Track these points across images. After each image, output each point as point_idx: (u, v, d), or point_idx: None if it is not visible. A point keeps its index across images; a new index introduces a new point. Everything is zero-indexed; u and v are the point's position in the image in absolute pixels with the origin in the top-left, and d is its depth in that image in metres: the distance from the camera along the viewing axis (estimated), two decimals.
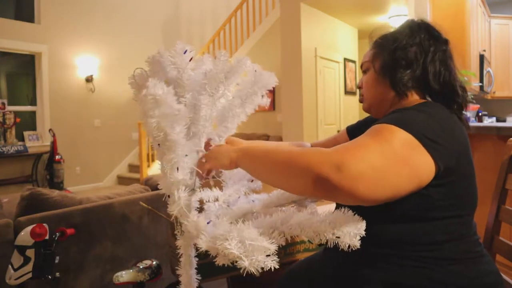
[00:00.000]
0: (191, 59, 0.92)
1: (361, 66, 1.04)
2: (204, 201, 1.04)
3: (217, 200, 1.06)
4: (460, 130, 0.84)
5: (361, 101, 1.05)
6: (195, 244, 0.84)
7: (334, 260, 0.95)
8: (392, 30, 0.99)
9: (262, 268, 0.68)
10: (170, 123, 0.82)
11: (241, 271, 0.68)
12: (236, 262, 0.68)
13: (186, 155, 0.86)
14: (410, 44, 0.91)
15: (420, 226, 0.80)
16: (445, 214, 0.80)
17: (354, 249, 0.74)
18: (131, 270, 1.23)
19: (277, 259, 0.70)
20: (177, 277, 0.99)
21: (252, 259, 0.67)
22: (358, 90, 1.07)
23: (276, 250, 0.71)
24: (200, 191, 1.03)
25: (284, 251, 1.34)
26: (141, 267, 1.26)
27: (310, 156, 0.71)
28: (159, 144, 0.87)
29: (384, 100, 0.96)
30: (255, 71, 1.09)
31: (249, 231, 0.71)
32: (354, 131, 1.20)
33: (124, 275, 1.21)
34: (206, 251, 0.75)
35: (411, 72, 0.90)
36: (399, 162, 0.71)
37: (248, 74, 1.10)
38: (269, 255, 0.69)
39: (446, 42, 0.94)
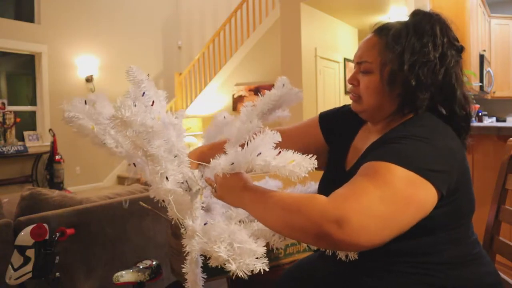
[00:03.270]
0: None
1: (359, 62, 0.89)
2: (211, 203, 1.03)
3: None
4: (456, 142, 0.80)
5: (353, 99, 0.92)
6: None
7: (332, 263, 0.93)
8: (406, 25, 0.84)
9: (252, 271, 0.67)
10: (146, 140, 0.80)
11: (230, 274, 0.67)
12: (225, 265, 0.68)
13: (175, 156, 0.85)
14: (431, 59, 0.80)
15: (424, 240, 0.78)
16: (448, 227, 0.79)
17: (352, 259, 0.73)
18: (131, 270, 1.23)
19: (267, 262, 0.68)
20: (177, 277, 0.99)
21: (240, 262, 0.66)
22: (348, 85, 0.93)
23: (265, 254, 0.70)
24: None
25: (284, 251, 1.34)
26: (141, 267, 1.26)
27: (309, 210, 0.66)
28: (134, 164, 0.87)
29: (381, 110, 0.87)
30: (283, 85, 1.04)
31: (240, 233, 0.70)
32: (327, 121, 1.10)
33: (124, 275, 1.20)
34: None
35: (429, 93, 0.81)
36: (402, 204, 0.67)
37: (275, 86, 1.04)
38: (258, 258, 0.68)
39: (462, 50, 0.85)
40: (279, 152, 0.73)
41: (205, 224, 0.79)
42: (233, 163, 0.79)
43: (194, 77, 6.43)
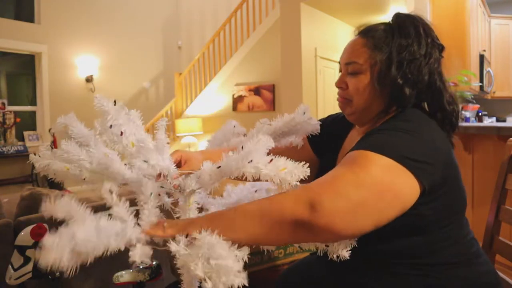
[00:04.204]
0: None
1: (347, 64, 0.89)
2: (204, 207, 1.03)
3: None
4: (440, 136, 0.81)
5: (342, 102, 0.92)
6: None
7: (330, 264, 0.93)
8: (390, 25, 0.88)
9: (231, 286, 0.63)
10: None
11: None
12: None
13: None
14: (417, 57, 0.82)
15: (419, 239, 0.78)
16: (441, 224, 0.79)
17: (343, 259, 0.72)
18: (131, 270, 1.23)
19: (245, 276, 0.64)
20: (177, 277, 0.99)
21: (215, 281, 0.63)
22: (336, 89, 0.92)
23: (243, 268, 0.66)
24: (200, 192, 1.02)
25: (284, 250, 1.34)
26: (141, 267, 1.26)
27: (281, 201, 0.66)
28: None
29: (370, 110, 0.88)
30: (304, 113, 1.03)
31: (219, 245, 0.66)
32: (315, 134, 1.08)
33: (124, 275, 1.20)
34: None
35: (416, 90, 0.84)
36: (378, 190, 0.67)
37: (295, 112, 1.03)
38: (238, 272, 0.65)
39: (442, 49, 0.88)
40: (271, 160, 0.71)
41: (186, 236, 0.78)
42: (219, 167, 0.78)
43: (194, 77, 6.43)
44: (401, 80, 0.82)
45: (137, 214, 0.79)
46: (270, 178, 0.70)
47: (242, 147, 0.75)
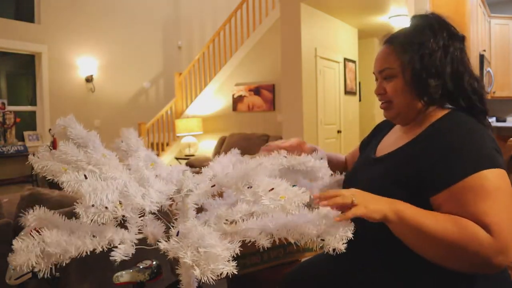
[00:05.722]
0: None
1: (381, 71, 0.97)
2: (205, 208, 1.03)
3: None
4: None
5: (385, 108, 0.99)
6: None
7: (344, 261, 0.92)
8: (409, 28, 0.96)
9: (221, 274, 0.65)
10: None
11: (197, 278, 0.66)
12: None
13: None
14: (435, 49, 0.89)
15: None
16: None
17: (339, 252, 0.73)
18: (131, 270, 1.23)
19: (235, 265, 0.65)
20: (177, 277, 0.99)
21: (204, 267, 0.64)
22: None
23: (235, 256, 0.68)
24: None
25: (284, 250, 1.34)
26: (141, 267, 1.26)
27: (477, 248, 0.73)
28: None
29: (412, 108, 0.94)
30: (321, 159, 1.04)
31: (209, 236, 0.68)
32: (366, 145, 1.18)
33: (124, 275, 1.20)
34: None
35: (440, 81, 0.89)
36: (510, 197, 0.78)
37: (313, 155, 1.04)
38: (227, 261, 0.66)
39: (463, 39, 0.94)
40: (272, 189, 0.73)
41: (177, 234, 0.78)
42: (214, 185, 0.82)
43: (194, 77, 6.43)
44: (424, 73, 0.88)
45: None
46: (269, 208, 0.72)
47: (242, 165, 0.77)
